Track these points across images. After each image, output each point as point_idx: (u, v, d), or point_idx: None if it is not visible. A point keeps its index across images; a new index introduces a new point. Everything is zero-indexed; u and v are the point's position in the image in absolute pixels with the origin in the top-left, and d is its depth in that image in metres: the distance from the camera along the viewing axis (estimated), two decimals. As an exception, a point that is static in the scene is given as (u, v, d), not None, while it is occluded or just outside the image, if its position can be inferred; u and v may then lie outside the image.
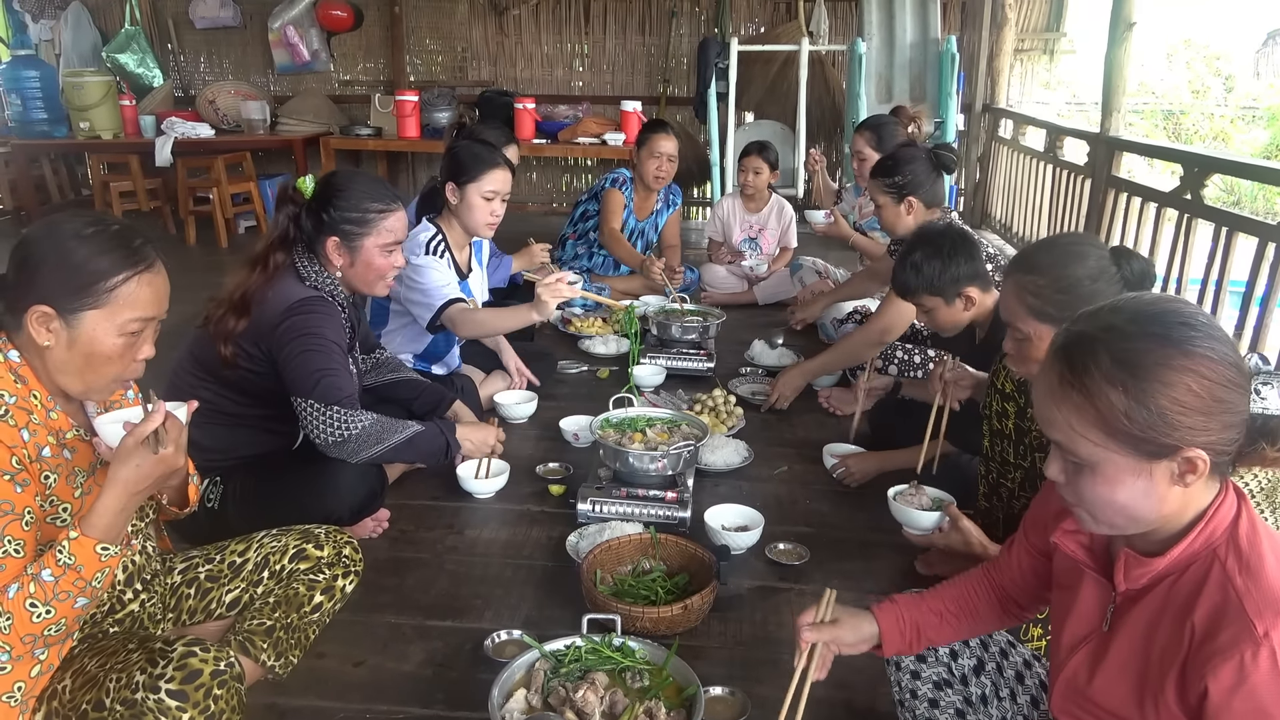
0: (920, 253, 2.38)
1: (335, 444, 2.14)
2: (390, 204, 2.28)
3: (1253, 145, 12.89)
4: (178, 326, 1.91)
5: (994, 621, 1.43)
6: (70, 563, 1.28)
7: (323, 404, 2.12)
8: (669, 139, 4.39)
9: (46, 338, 1.35)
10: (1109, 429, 0.99)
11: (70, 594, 1.28)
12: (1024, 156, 6.07)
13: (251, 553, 1.78)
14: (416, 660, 1.94)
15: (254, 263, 2.18)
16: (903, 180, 3.01)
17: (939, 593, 1.45)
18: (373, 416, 2.19)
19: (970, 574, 1.45)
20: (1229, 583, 0.99)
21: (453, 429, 2.38)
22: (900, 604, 1.42)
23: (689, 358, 3.61)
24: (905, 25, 6.31)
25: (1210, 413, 0.98)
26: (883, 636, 1.39)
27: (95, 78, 6.60)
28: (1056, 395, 1.03)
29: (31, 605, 1.25)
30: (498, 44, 7.60)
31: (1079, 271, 1.72)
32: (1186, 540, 1.03)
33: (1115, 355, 0.98)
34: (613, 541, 2.19)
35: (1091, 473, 1.03)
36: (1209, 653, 0.97)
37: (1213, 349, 0.98)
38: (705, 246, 5.25)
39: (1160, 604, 1.06)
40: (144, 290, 1.39)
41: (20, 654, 1.29)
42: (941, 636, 1.42)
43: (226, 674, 1.37)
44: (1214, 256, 3.64)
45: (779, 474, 2.84)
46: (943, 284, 2.36)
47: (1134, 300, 1.04)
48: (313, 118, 7.12)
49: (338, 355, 2.17)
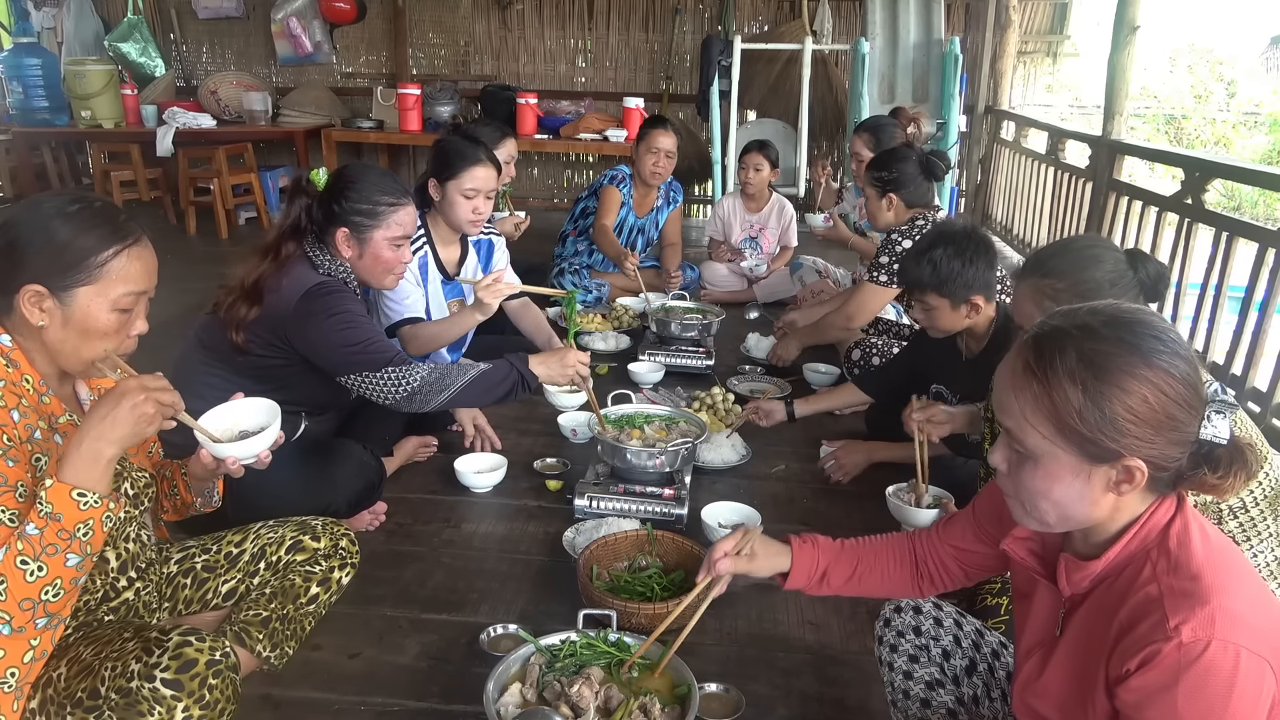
0: (941, 250, 2.34)
1: (404, 399, 2.17)
2: (400, 198, 2.30)
3: (1254, 151, 12.89)
4: (180, 316, 1.91)
5: (901, 588, 1.50)
6: (49, 511, 1.24)
7: (373, 371, 2.15)
8: (667, 135, 4.38)
9: (40, 317, 1.35)
10: (1060, 424, 1.01)
11: (57, 548, 1.24)
12: (1026, 159, 6.07)
13: (248, 543, 1.79)
14: (412, 653, 1.94)
15: (265, 251, 2.19)
16: (889, 176, 3.10)
17: (859, 546, 1.51)
18: (430, 365, 2.21)
19: (895, 537, 1.52)
20: (1154, 581, 1.01)
21: (524, 361, 2.31)
22: (819, 547, 1.50)
23: (688, 355, 3.61)
24: (909, 26, 6.30)
25: (1160, 427, 1.00)
26: (791, 571, 1.48)
27: (97, 66, 6.58)
28: (1018, 382, 1.05)
29: (22, 563, 1.23)
30: (500, 38, 7.58)
31: (1098, 275, 1.72)
32: (1121, 543, 1.06)
33: (1082, 353, 1.01)
34: (609, 538, 2.19)
35: (1034, 465, 1.05)
36: (1125, 646, 0.99)
37: (1175, 367, 1.00)
38: (706, 245, 5.25)
39: (1097, 606, 1.09)
40: (134, 265, 1.40)
41: (21, 624, 1.26)
42: (845, 587, 1.50)
43: (222, 664, 1.37)
44: (1214, 261, 3.65)
45: (776, 472, 2.84)
46: (955, 286, 2.33)
47: (1113, 306, 1.06)
48: (314, 109, 7.11)
49: (368, 324, 2.22)
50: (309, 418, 2.34)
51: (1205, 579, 0.98)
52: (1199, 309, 3.73)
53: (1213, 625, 0.93)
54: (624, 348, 3.90)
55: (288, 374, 2.20)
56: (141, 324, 1.45)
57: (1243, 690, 0.92)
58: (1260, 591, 1.02)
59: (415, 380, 2.17)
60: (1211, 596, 0.96)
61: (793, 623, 2.09)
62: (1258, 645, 0.93)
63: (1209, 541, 1.03)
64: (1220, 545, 1.04)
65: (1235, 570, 1.01)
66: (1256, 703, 0.93)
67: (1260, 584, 1.04)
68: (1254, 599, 0.98)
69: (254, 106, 6.85)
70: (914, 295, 2.44)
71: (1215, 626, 0.93)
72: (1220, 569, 1.00)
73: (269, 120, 6.94)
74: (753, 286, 4.81)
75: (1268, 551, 1.63)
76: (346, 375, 2.18)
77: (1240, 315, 3.46)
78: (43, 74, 6.70)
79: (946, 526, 1.46)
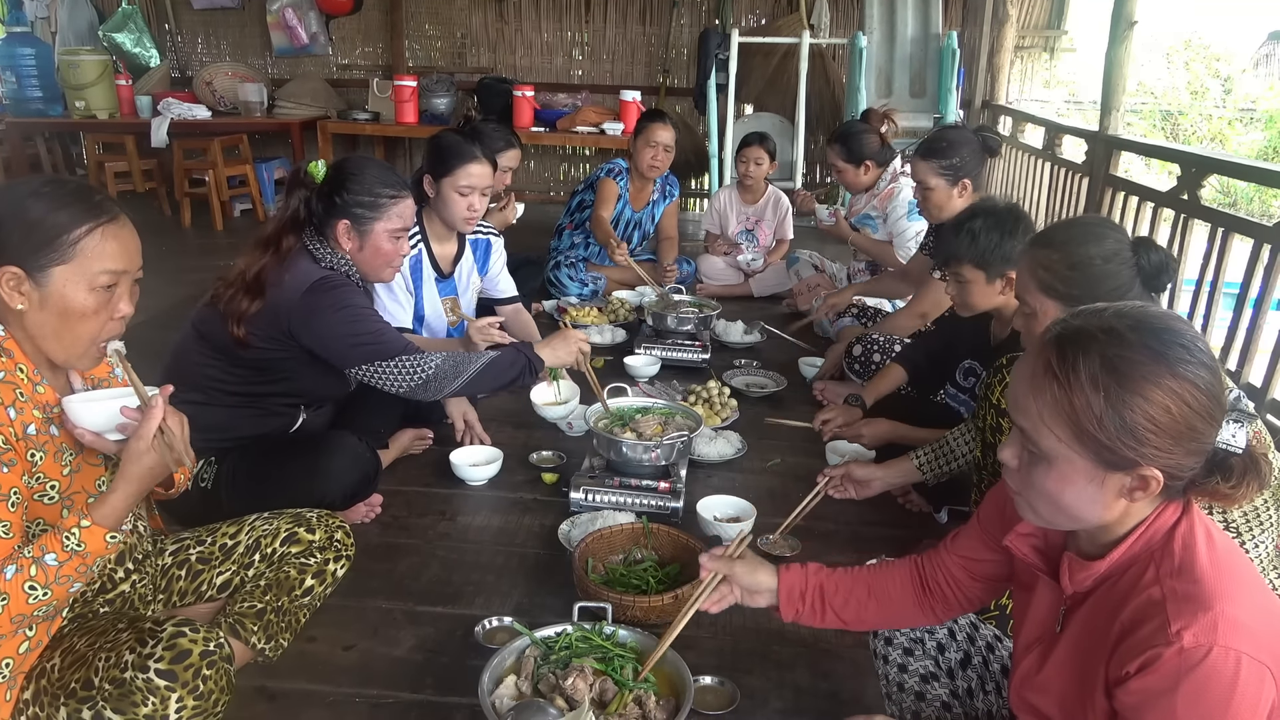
0: (981, 221, 2.30)
1: (418, 387, 2.21)
2: (400, 191, 2.30)
3: (1250, 147, 12.90)
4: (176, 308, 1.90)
5: (908, 616, 1.45)
6: (79, 549, 1.30)
7: (386, 360, 2.18)
8: (666, 129, 4.38)
9: (19, 301, 1.34)
10: (1078, 430, 1.00)
11: (70, 578, 1.30)
12: (1022, 154, 6.07)
13: (243, 535, 1.78)
14: (407, 645, 1.94)
15: (265, 244, 2.18)
16: (958, 162, 2.98)
17: (854, 570, 1.47)
18: (441, 355, 2.24)
19: (897, 562, 1.47)
20: (1158, 584, 1.00)
21: (531, 348, 2.39)
22: (808, 572, 1.46)
23: (684, 349, 3.61)
24: (907, 20, 6.29)
25: (1179, 438, 0.98)
26: (780, 595, 1.46)
27: (91, 57, 6.53)
28: (1037, 382, 1.03)
29: (30, 588, 1.26)
30: (497, 31, 7.56)
31: (1091, 250, 1.71)
32: (1126, 544, 1.05)
33: (1107, 358, 0.98)
34: (605, 530, 2.19)
35: (1047, 466, 1.04)
36: (1126, 648, 0.99)
37: (1199, 377, 0.98)
38: (702, 239, 5.25)
39: (1099, 605, 1.08)
40: (109, 243, 1.37)
41: (5, 633, 1.29)
42: (845, 610, 1.45)
43: (216, 655, 1.37)
44: (1209, 257, 3.65)
45: (772, 466, 2.84)
46: (993, 259, 2.28)
47: (1140, 309, 1.03)
48: (310, 101, 7.08)
49: (376, 316, 2.24)
50: (306, 410, 2.34)
51: (1208, 584, 0.97)
52: (1194, 305, 3.74)
53: (1215, 631, 0.93)
54: (620, 341, 3.90)
55: (287, 366, 2.20)
56: (125, 306, 1.42)
57: (1242, 696, 0.92)
58: (1263, 597, 1.01)
59: (430, 368, 2.20)
60: (1214, 602, 0.95)
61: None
62: (1259, 652, 0.93)
63: (1214, 545, 1.03)
64: (1225, 549, 1.03)
65: (1239, 575, 1.01)
66: (1256, 709, 0.93)
67: (1264, 589, 1.03)
68: (1257, 605, 0.98)
69: (249, 98, 6.81)
70: (950, 267, 2.39)
71: (1217, 632, 0.93)
72: (1224, 574, 0.99)
73: (264, 112, 6.91)
74: (749, 281, 4.81)
75: (1268, 541, 1.64)
76: (357, 366, 2.19)
77: (1235, 311, 3.46)
78: (36, 64, 6.65)
79: (953, 540, 1.42)
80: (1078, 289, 1.69)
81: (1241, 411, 1.03)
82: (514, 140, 3.78)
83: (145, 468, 1.36)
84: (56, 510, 1.39)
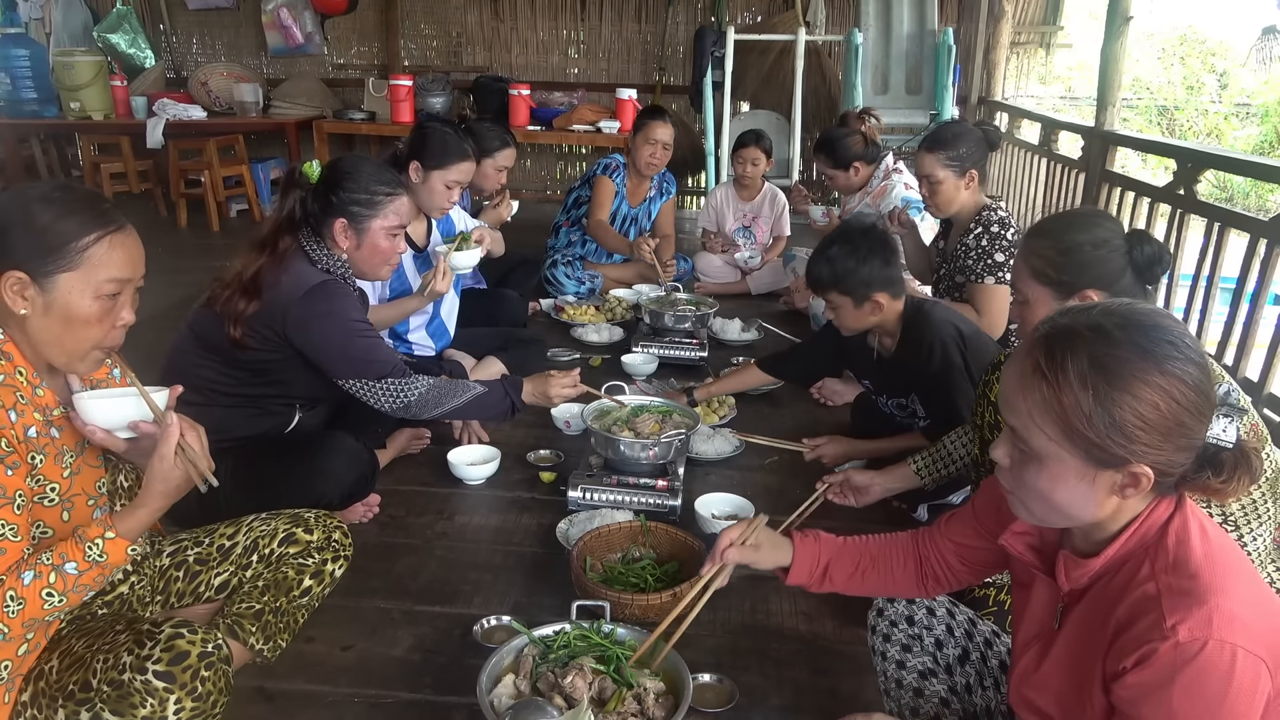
0: (837, 248, 2.36)
1: (400, 409, 2.24)
2: (396, 188, 2.31)
3: (1246, 142, 12.92)
4: (172, 308, 1.90)
5: (906, 588, 1.50)
6: (102, 560, 1.32)
7: (373, 380, 2.19)
8: (665, 127, 4.38)
9: (22, 305, 1.33)
10: (1068, 428, 1.00)
11: (88, 587, 1.32)
12: (1019, 150, 6.07)
13: (241, 536, 1.78)
14: (405, 645, 1.94)
15: (261, 245, 2.18)
16: (965, 153, 2.98)
17: (862, 544, 1.52)
18: (428, 381, 2.25)
19: (898, 536, 1.52)
20: (1153, 579, 1.01)
21: (517, 387, 2.40)
22: (821, 542, 1.51)
23: (682, 347, 3.61)
24: (902, 16, 6.29)
25: (1169, 434, 0.99)
26: (793, 565, 1.49)
27: (86, 57, 6.52)
28: (1026, 382, 1.03)
29: (48, 594, 1.28)
30: (493, 29, 7.55)
31: (1081, 237, 1.72)
32: (1120, 540, 1.06)
33: (1095, 357, 0.99)
34: (603, 529, 2.19)
35: (1038, 465, 1.04)
36: (1123, 644, 0.99)
37: (1188, 373, 0.98)
38: (699, 236, 5.25)
39: (1096, 601, 1.08)
40: (116, 252, 1.37)
41: (14, 636, 1.30)
42: (848, 585, 1.50)
43: (214, 656, 1.37)
44: (1205, 252, 3.65)
45: (769, 464, 2.84)
46: (853, 284, 2.34)
47: (1127, 306, 1.04)
48: (306, 101, 7.07)
49: (370, 331, 2.25)
50: (302, 410, 2.34)
51: (1203, 578, 0.98)
52: (1191, 299, 3.74)
53: (1210, 625, 0.93)
54: (617, 339, 3.90)
55: (283, 368, 2.19)
56: (128, 315, 1.43)
57: (1238, 690, 0.92)
58: (1258, 590, 1.01)
59: (413, 394, 2.22)
60: (1209, 596, 0.95)
61: (786, 613, 2.09)
62: (1254, 645, 0.93)
63: (1208, 540, 1.03)
64: (1219, 544, 1.04)
65: (1234, 569, 1.01)
66: (1251, 702, 0.93)
67: (1259, 583, 1.03)
68: (1252, 598, 0.98)
69: (245, 98, 6.80)
70: (820, 294, 2.47)
71: (1212, 626, 0.93)
72: (1219, 568, 0.99)
73: (260, 112, 6.89)
74: (746, 278, 4.82)
75: (1266, 534, 1.64)
76: (346, 380, 2.20)
77: (1231, 306, 3.46)
78: (31, 65, 6.63)
79: (949, 523, 1.45)
80: (1067, 274, 1.71)
81: (1231, 406, 1.03)
82: (509, 139, 3.78)
83: (171, 485, 1.39)
84: (57, 512, 1.39)
